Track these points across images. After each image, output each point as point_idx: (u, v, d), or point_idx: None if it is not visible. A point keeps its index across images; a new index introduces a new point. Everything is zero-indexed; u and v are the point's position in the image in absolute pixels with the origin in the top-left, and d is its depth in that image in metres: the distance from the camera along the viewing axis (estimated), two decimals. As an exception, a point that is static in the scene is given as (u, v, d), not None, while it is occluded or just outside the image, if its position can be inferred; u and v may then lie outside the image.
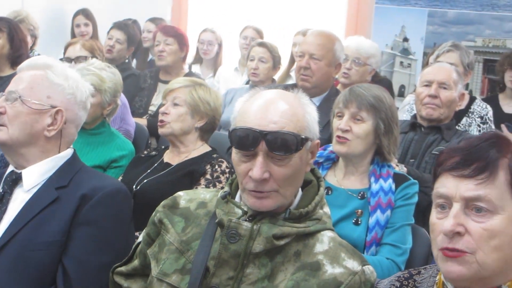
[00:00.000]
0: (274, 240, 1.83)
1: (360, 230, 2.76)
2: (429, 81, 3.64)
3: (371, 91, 2.85)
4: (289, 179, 1.86)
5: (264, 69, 5.18)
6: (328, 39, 3.96)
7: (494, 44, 6.41)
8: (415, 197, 2.86)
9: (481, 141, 1.61)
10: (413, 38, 6.71)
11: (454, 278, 1.59)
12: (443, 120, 3.64)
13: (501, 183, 1.56)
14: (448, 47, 4.47)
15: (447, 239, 1.56)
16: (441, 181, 1.62)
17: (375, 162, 2.89)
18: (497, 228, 1.54)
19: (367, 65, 4.72)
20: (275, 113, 1.84)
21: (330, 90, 3.98)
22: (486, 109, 4.42)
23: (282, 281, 1.83)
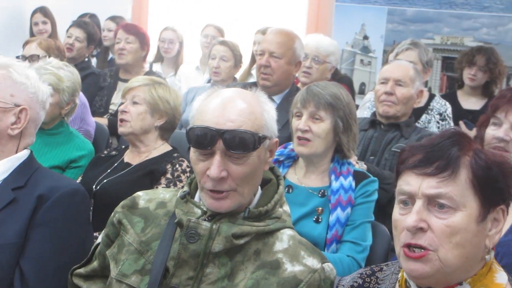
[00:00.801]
0: (233, 239, 1.83)
1: (321, 228, 2.77)
2: (386, 79, 3.67)
3: (328, 90, 2.86)
4: (247, 178, 1.85)
5: (225, 68, 5.17)
6: (288, 37, 3.96)
7: (453, 41, 6.49)
8: (375, 194, 2.88)
9: (443, 139, 1.62)
10: (373, 36, 6.76)
11: (416, 277, 1.61)
12: (401, 117, 3.67)
13: (463, 180, 1.57)
14: (407, 45, 4.52)
15: (410, 235, 1.57)
16: (404, 178, 1.63)
17: (335, 160, 2.90)
18: (459, 224, 1.55)
19: (327, 62, 4.74)
20: (232, 112, 1.83)
21: (290, 88, 3.98)
22: (445, 106, 4.48)
23: (242, 280, 1.82)
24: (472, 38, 6.38)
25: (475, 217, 1.57)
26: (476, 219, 1.57)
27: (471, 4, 6.43)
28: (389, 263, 1.89)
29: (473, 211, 1.57)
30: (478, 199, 1.58)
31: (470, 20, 6.40)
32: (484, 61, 4.95)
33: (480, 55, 4.99)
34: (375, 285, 1.82)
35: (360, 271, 1.89)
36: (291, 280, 1.81)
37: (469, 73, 4.99)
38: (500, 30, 6.32)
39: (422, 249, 1.57)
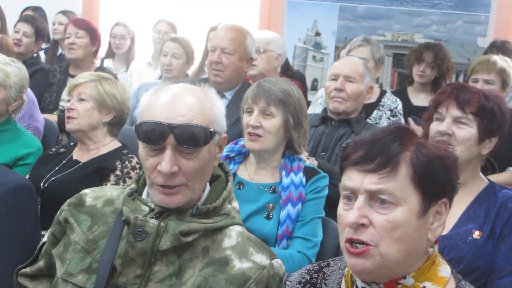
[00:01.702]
0: (181, 236, 1.81)
1: (272, 224, 2.77)
2: (336, 75, 3.69)
3: (279, 85, 2.86)
4: (198, 173, 1.84)
5: (177, 65, 5.15)
6: (240, 33, 3.95)
7: (403, 38, 6.57)
8: (325, 190, 2.89)
9: (384, 134, 1.64)
10: (325, 33, 6.79)
11: (358, 272, 1.62)
12: (351, 113, 3.69)
13: (403, 176, 1.59)
14: (360, 42, 4.55)
15: (352, 231, 1.59)
16: (347, 174, 1.65)
17: (286, 156, 2.90)
18: (400, 219, 1.57)
19: (269, 51, 4.73)
20: (183, 106, 1.82)
21: (242, 84, 3.97)
22: (396, 102, 4.52)
23: (190, 277, 1.81)
24: (422, 35, 6.47)
25: (416, 212, 1.59)
26: (417, 214, 1.59)
27: (421, 1, 6.52)
28: (336, 259, 1.90)
29: (414, 206, 1.59)
30: (419, 194, 1.60)
31: (420, 17, 6.49)
32: (432, 58, 5.02)
33: (428, 51, 5.06)
34: (322, 281, 1.83)
35: (308, 267, 1.90)
36: (239, 277, 1.81)
37: (418, 69, 5.06)
38: (449, 27, 6.42)
39: (363, 244, 1.58)
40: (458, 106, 2.52)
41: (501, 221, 2.48)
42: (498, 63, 4.21)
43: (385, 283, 1.63)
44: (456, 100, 2.53)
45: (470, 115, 2.51)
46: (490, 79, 4.16)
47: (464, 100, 2.51)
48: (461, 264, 2.41)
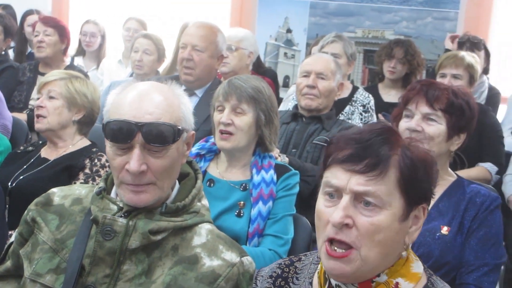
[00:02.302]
0: (150, 235, 1.80)
1: (243, 221, 2.77)
2: (308, 72, 3.70)
3: (250, 83, 2.85)
4: (167, 171, 1.83)
5: (148, 62, 5.13)
6: (211, 31, 3.94)
7: (374, 35, 6.59)
8: (296, 188, 2.89)
9: (373, 135, 1.61)
10: (296, 29, 6.79)
11: (336, 275, 1.61)
12: (323, 110, 3.70)
13: (391, 180, 1.58)
14: (332, 38, 4.58)
15: (334, 230, 1.57)
16: (332, 171, 1.62)
17: (257, 154, 2.90)
18: (383, 223, 1.56)
19: (241, 48, 4.73)
20: (150, 104, 1.81)
21: (213, 82, 3.95)
22: (368, 98, 4.57)
23: (159, 276, 1.80)
24: (392, 31, 6.49)
25: (398, 216, 1.58)
26: (399, 218, 1.59)
27: (391, -2, 6.55)
28: (308, 253, 1.91)
29: (398, 210, 1.58)
30: (403, 199, 1.59)
31: (391, 14, 6.51)
32: (402, 54, 5.06)
33: (398, 47, 5.10)
34: (293, 275, 1.83)
35: (279, 262, 1.90)
36: (209, 274, 1.80)
37: (389, 65, 5.09)
38: (419, 24, 6.45)
39: (344, 248, 1.57)
40: (427, 103, 2.54)
41: (470, 216, 2.50)
42: (466, 58, 4.25)
43: (360, 282, 1.63)
44: (426, 97, 2.54)
45: (439, 112, 2.53)
46: (458, 73, 4.20)
47: (434, 97, 2.53)
48: (430, 260, 2.43)
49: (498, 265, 2.50)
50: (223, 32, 4.08)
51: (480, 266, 2.44)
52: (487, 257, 2.46)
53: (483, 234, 2.48)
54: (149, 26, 6.35)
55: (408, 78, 5.09)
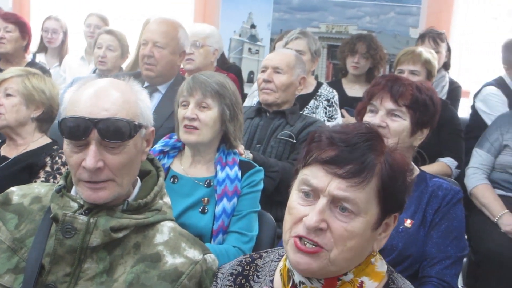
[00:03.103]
0: (111, 233, 1.79)
1: (207, 218, 2.75)
2: (265, 67, 3.71)
3: (214, 78, 2.84)
4: (125, 168, 1.82)
5: (112, 58, 5.08)
6: (172, 27, 3.91)
7: (337, 30, 6.62)
8: (260, 184, 2.88)
9: (360, 139, 1.58)
10: (260, 25, 6.79)
11: (302, 270, 1.59)
12: (282, 105, 3.70)
13: (371, 188, 1.55)
14: (297, 35, 4.58)
15: (306, 231, 1.55)
16: (312, 170, 1.59)
17: (221, 150, 2.88)
18: (357, 230, 1.54)
19: (207, 45, 4.70)
20: (106, 101, 1.80)
21: (175, 78, 3.94)
22: (332, 93, 4.59)
23: (121, 274, 1.79)
24: (356, 26, 6.53)
25: (372, 224, 1.57)
26: (372, 226, 1.58)
27: (354, -7, 6.59)
28: (269, 251, 1.89)
29: (372, 218, 1.57)
30: (379, 207, 1.57)
31: (354, 9, 6.54)
32: (365, 48, 5.09)
33: (360, 42, 5.12)
34: (254, 273, 1.82)
35: (240, 259, 1.88)
36: (172, 272, 1.79)
37: (352, 61, 5.11)
38: (382, 19, 6.49)
39: (314, 244, 1.55)
40: (392, 99, 2.55)
41: (432, 209, 2.52)
42: (424, 54, 4.29)
43: (326, 279, 1.62)
44: (390, 93, 2.56)
45: (404, 108, 2.55)
46: (415, 69, 4.23)
47: (398, 93, 2.54)
48: (393, 252, 2.44)
49: (460, 258, 2.52)
50: (186, 28, 4.06)
51: (443, 259, 2.46)
52: (449, 250, 2.48)
53: (446, 227, 2.50)
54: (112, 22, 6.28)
55: (371, 72, 5.12)
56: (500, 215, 3.84)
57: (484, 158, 4.08)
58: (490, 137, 4.12)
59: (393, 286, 1.67)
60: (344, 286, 1.62)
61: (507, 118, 4.18)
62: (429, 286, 2.44)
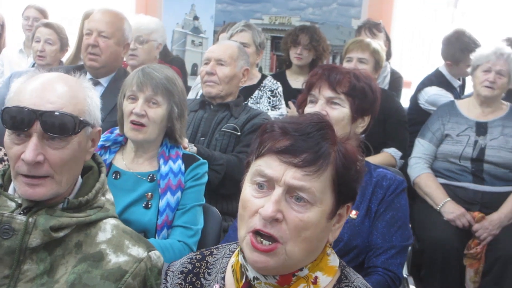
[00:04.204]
0: (52, 232, 1.73)
1: (151, 213, 2.72)
2: (208, 59, 3.68)
3: (165, 74, 2.80)
4: (66, 165, 1.77)
5: (51, 51, 4.97)
6: (117, 18, 3.84)
7: (280, 21, 6.62)
8: (205, 177, 2.86)
9: (313, 128, 1.57)
10: (203, 17, 6.75)
11: (260, 268, 1.57)
12: (226, 97, 3.68)
13: (327, 177, 1.54)
14: (241, 27, 4.58)
15: (262, 223, 1.52)
16: (266, 160, 1.56)
17: (164, 144, 2.85)
18: (312, 220, 1.53)
19: (152, 40, 4.64)
20: (53, 93, 1.75)
21: (118, 71, 3.87)
22: (276, 85, 4.62)
23: (63, 275, 1.74)
24: (298, 18, 6.53)
25: (327, 214, 1.56)
26: (327, 216, 1.56)
27: (297, -16, 6.59)
28: (219, 247, 1.86)
29: (327, 208, 1.56)
30: (334, 197, 1.57)
31: (297, 0, 6.55)
32: (307, 40, 5.10)
33: (303, 34, 5.14)
34: (205, 270, 1.78)
35: (190, 256, 1.85)
36: (115, 271, 1.76)
37: (295, 52, 5.13)
38: (324, 10, 6.51)
39: (270, 240, 1.52)
40: (330, 87, 2.56)
41: (377, 199, 2.53)
42: (372, 44, 4.34)
43: (281, 275, 1.60)
44: (328, 81, 2.57)
45: (342, 95, 2.56)
46: (363, 57, 4.27)
47: (336, 80, 2.55)
48: (339, 243, 2.45)
49: (405, 247, 2.55)
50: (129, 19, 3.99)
51: (388, 248, 2.48)
52: (394, 239, 2.50)
53: (390, 217, 2.52)
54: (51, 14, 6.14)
55: (314, 64, 5.12)
56: (443, 203, 3.91)
57: (426, 148, 4.14)
58: (431, 127, 4.18)
59: (346, 281, 1.67)
60: (299, 281, 1.61)
61: (447, 108, 4.25)
62: (375, 276, 2.45)
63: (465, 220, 3.83)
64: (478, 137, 4.04)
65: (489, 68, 4.01)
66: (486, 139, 4.02)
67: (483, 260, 3.81)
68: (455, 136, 4.08)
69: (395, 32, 6.35)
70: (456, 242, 3.80)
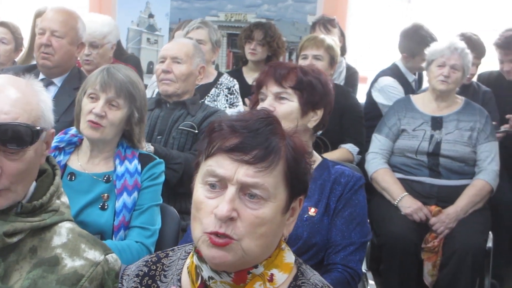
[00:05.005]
0: (5, 238, 1.69)
1: (108, 214, 2.69)
2: (164, 57, 3.66)
3: (129, 77, 2.78)
4: (23, 174, 1.72)
5: (5, 51, 4.92)
6: (71, 17, 3.79)
7: (236, 18, 6.60)
8: (162, 177, 2.84)
9: (261, 124, 1.56)
10: (158, 14, 6.69)
11: (217, 264, 1.55)
12: (183, 95, 3.65)
13: (279, 172, 1.53)
14: (197, 24, 4.58)
15: (218, 223, 1.51)
16: (217, 160, 1.54)
17: (120, 144, 2.81)
18: (268, 216, 1.52)
19: (106, 44, 4.59)
20: (6, 102, 1.68)
21: (72, 70, 3.81)
22: (233, 82, 4.63)
23: (17, 281, 1.70)
24: (254, 14, 6.52)
25: (281, 209, 1.56)
26: (282, 211, 1.56)
27: (252, -19, 6.58)
28: (175, 248, 1.84)
29: (281, 203, 1.55)
30: (287, 191, 1.56)
31: (252, -3, 6.55)
32: (261, 35, 5.13)
33: (257, 30, 5.17)
34: (161, 272, 1.76)
35: (146, 259, 1.82)
36: (71, 276, 1.72)
37: (249, 47, 5.15)
38: (280, 7, 6.51)
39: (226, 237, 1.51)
40: (276, 82, 2.57)
41: (335, 196, 2.54)
42: (326, 40, 4.35)
43: (236, 272, 1.58)
44: (274, 77, 2.58)
45: (289, 90, 2.57)
46: (318, 54, 4.28)
47: (281, 76, 2.57)
48: (299, 241, 2.45)
49: (364, 243, 2.56)
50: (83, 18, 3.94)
51: (347, 245, 2.49)
52: (353, 236, 2.51)
53: (349, 213, 2.53)
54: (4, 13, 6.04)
55: (270, 60, 5.13)
56: (400, 198, 3.94)
57: (383, 143, 4.17)
58: (388, 122, 4.22)
59: (302, 278, 1.66)
60: (255, 280, 1.60)
61: (403, 103, 4.29)
62: (335, 273, 2.46)
63: (422, 214, 3.87)
64: (434, 131, 4.09)
65: (444, 62, 4.06)
66: (441, 134, 4.07)
67: (440, 253, 3.85)
68: (411, 131, 4.12)
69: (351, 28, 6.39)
70: (413, 236, 3.84)
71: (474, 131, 4.07)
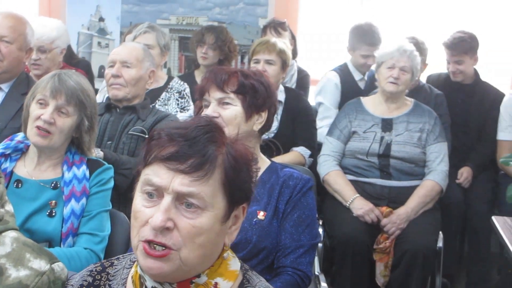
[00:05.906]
0: None
1: (56, 221, 2.64)
2: (113, 61, 3.63)
3: (80, 85, 2.73)
4: None
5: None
6: (19, 22, 3.73)
7: (188, 22, 6.57)
8: (110, 182, 2.81)
9: (199, 132, 1.54)
10: (109, 18, 6.63)
11: (154, 275, 1.53)
12: (133, 100, 3.63)
13: (216, 181, 1.52)
14: (145, 29, 4.54)
15: (153, 233, 1.49)
16: (154, 169, 1.53)
17: (68, 150, 2.78)
18: (205, 225, 1.50)
19: (54, 48, 4.54)
20: None
21: (19, 76, 3.75)
22: (183, 86, 4.61)
23: (-41, 292, 1.67)
24: (206, 18, 6.51)
25: (220, 218, 1.54)
26: (221, 219, 1.54)
27: (203, -16, 6.57)
28: (120, 257, 1.82)
29: (220, 212, 1.53)
30: (226, 200, 1.54)
31: (203, 0, 6.52)
32: (213, 39, 5.13)
33: (209, 33, 5.16)
34: (106, 282, 1.73)
35: (90, 268, 1.79)
36: (16, 286, 1.69)
37: (201, 51, 5.14)
38: (231, 10, 6.51)
39: (163, 247, 1.49)
40: (218, 88, 2.58)
41: (284, 199, 2.55)
42: (278, 44, 4.37)
43: (179, 282, 1.57)
44: (215, 83, 2.58)
45: (232, 94, 2.57)
46: (270, 59, 4.30)
47: (223, 81, 2.57)
48: (248, 245, 2.45)
49: (313, 246, 2.58)
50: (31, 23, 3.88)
51: (296, 248, 2.50)
52: (302, 238, 2.52)
53: (298, 216, 2.54)
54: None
55: (222, 64, 5.14)
56: (352, 199, 3.98)
57: (334, 145, 4.20)
58: (339, 124, 4.26)
59: (248, 285, 1.65)
60: None
61: (353, 105, 4.33)
62: (284, 276, 2.47)
63: (374, 215, 3.91)
64: (384, 133, 4.14)
65: (393, 64, 4.11)
66: (391, 135, 4.12)
67: (392, 254, 3.90)
68: (362, 133, 4.16)
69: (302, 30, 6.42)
70: (365, 238, 3.88)
71: (424, 133, 4.13)
